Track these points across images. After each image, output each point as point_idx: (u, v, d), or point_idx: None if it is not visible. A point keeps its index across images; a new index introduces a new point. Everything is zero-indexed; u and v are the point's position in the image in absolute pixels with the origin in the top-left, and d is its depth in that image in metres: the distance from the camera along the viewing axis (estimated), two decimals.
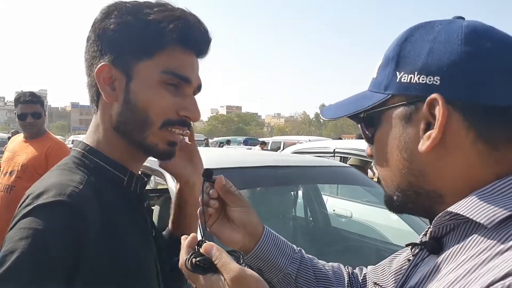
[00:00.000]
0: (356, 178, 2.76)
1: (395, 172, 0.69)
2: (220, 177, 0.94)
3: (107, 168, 0.86)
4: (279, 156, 3.09)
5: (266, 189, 2.69)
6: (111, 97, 0.84)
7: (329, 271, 1.02)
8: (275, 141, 18.62)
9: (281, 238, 1.01)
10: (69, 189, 0.74)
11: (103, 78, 0.84)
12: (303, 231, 2.95)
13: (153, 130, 0.85)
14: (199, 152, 1.12)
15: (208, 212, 0.93)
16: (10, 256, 0.66)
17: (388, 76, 0.68)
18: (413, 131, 0.65)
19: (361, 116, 0.73)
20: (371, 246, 2.71)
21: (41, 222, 0.69)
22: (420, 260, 0.72)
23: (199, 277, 0.71)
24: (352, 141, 5.40)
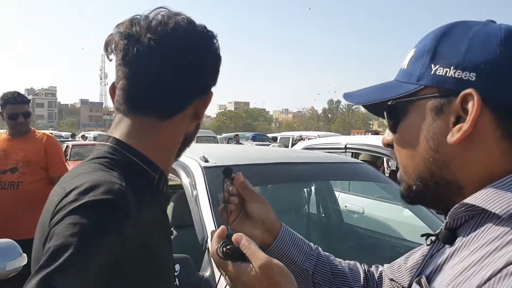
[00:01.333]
0: (369, 174, 2.75)
1: (419, 161, 0.71)
2: (238, 174, 1.00)
3: (139, 164, 0.85)
4: (291, 153, 3.09)
5: (278, 186, 2.70)
6: (201, 119, 0.95)
7: (345, 268, 1.04)
8: (283, 136, 18.60)
9: (298, 236, 1.05)
10: (116, 186, 0.73)
11: (209, 100, 0.93)
12: (316, 228, 2.95)
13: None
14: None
15: (229, 208, 1.00)
16: (63, 252, 0.64)
17: (422, 68, 0.70)
18: (443, 123, 0.67)
19: (389, 104, 0.74)
20: (385, 242, 2.70)
21: (91, 219, 0.68)
22: (435, 251, 0.75)
23: (228, 264, 0.77)
24: (364, 137, 5.38)
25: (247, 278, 0.75)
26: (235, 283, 0.77)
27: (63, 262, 0.63)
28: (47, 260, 0.64)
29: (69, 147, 12.91)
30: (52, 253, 0.64)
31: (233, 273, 0.76)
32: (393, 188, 2.81)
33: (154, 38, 0.82)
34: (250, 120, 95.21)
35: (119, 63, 0.86)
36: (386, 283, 1.03)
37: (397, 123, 0.75)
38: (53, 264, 0.63)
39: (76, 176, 0.78)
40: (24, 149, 3.24)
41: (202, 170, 2.05)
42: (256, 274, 0.74)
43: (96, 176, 0.76)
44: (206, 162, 2.11)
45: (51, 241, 0.66)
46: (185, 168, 2.14)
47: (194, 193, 1.97)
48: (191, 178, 2.05)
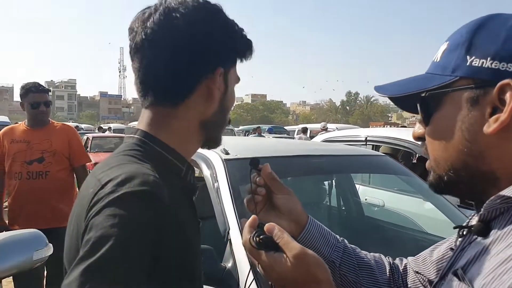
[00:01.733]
0: (390, 166, 2.73)
1: (452, 152, 0.71)
2: (266, 165, 1.00)
3: (168, 157, 0.86)
4: (311, 145, 3.08)
5: (299, 179, 2.69)
6: (216, 98, 0.88)
7: (371, 260, 1.05)
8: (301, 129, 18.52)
9: (325, 228, 1.06)
10: (151, 178, 0.74)
11: (219, 80, 0.88)
12: (337, 221, 2.95)
13: (225, 126, 0.96)
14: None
15: (256, 200, 1.00)
16: (104, 243, 0.64)
17: (457, 60, 0.70)
18: (479, 114, 0.67)
19: (422, 96, 0.74)
20: (406, 236, 2.68)
21: (130, 210, 0.68)
22: (467, 244, 0.74)
23: (261, 254, 0.77)
24: (384, 129, 5.33)
25: (281, 268, 0.74)
26: (269, 273, 0.77)
27: (104, 253, 0.63)
28: (88, 251, 0.64)
29: (90, 139, 13.07)
30: (92, 244, 0.64)
31: (266, 262, 0.76)
32: (414, 181, 2.78)
33: (149, 29, 0.83)
34: (267, 113, 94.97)
35: (130, 58, 0.89)
36: (411, 276, 1.03)
37: (430, 115, 0.74)
38: (95, 255, 0.63)
39: (110, 168, 0.78)
40: (49, 139, 3.31)
41: (223, 162, 2.05)
42: (290, 264, 0.74)
43: (131, 168, 0.76)
44: (227, 154, 2.12)
45: (90, 233, 0.67)
46: (206, 160, 2.15)
47: (215, 185, 1.98)
48: (212, 170, 2.06)
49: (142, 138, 0.86)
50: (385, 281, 1.02)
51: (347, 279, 1.02)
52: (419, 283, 1.01)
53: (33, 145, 3.26)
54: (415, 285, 1.01)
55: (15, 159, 3.22)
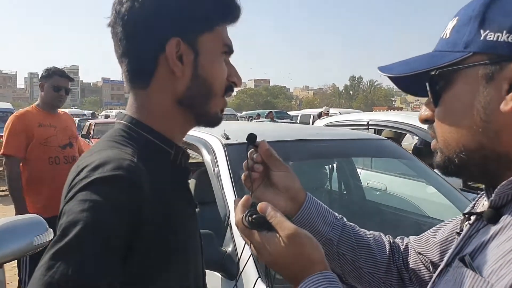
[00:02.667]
0: (392, 150, 2.71)
1: (466, 133, 0.67)
2: (263, 141, 0.97)
3: (155, 142, 0.86)
4: (313, 130, 3.07)
5: (300, 163, 2.68)
6: (180, 72, 0.84)
7: (370, 239, 1.02)
8: (304, 114, 18.48)
9: (323, 205, 1.03)
10: (126, 162, 0.74)
11: (175, 52, 0.83)
12: (338, 205, 2.94)
13: (216, 100, 0.87)
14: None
15: (253, 176, 0.97)
16: (73, 228, 0.65)
17: (470, 34, 0.66)
18: (495, 91, 0.63)
19: (432, 74, 0.70)
20: (409, 220, 2.67)
21: (102, 195, 0.68)
22: (474, 231, 0.71)
23: (254, 233, 0.76)
24: (386, 113, 5.30)
25: (274, 248, 0.73)
26: (261, 253, 0.76)
27: (73, 237, 0.64)
28: (58, 236, 0.65)
29: (92, 125, 13.09)
30: (63, 230, 0.65)
31: (259, 242, 0.75)
32: (416, 164, 2.77)
33: (111, 16, 0.85)
34: (270, 98, 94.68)
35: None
36: (413, 256, 1.01)
37: (440, 95, 0.70)
38: (64, 240, 0.64)
39: (90, 155, 0.79)
40: (68, 125, 3.35)
41: (224, 147, 2.05)
42: (283, 244, 0.72)
43: (108, 153, 0.76)
44: (227, 139, 2.11)
45: (62, 218, 0.68)
46: (206, 145, 2.14)
47: (215, 170, 1.98)
48: (213, 155, 2.05)
49: (128, 123, 0.86)
50: (384, 260, 1.00)
51: (345, 258, 1.00)
52: (421, 264, 0.99)
53: (60, 129, 3.24)
54: (417, 266, 0.99)
55: (48, 143, 3.14)
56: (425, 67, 0.70)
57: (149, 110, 0.87)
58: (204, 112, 0.88)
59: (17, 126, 3.09)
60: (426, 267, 0.98)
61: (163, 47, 0.81)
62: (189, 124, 0.90)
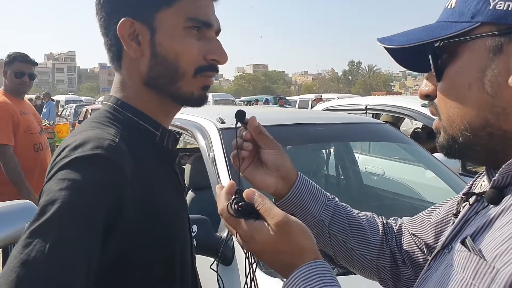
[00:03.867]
0: (390, 134, 2.70)
1: (471, 109, 0.63)
2: (253, 117, 0.92)
3: (139, 123, 0.85)
4: (310, 114, 3.04)
5: (297, 147, 2.66)
6: (138, 52, 0.82)
7: (363, 219, 0.99)
8: (302, 99, 18.44)
9: (315, 185, 0.99)
10: (106, 142, 0.73)
11: (127, 34, 0.81)
12: (335, 190, 2.93)
13: (186, 80, 0.84)
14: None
15: (242, 155, 0.92)
16: (51, 207, 0.64)
17: (478, 3, 0.62)
18: (503, 64, 0.60)
19: (436, 46, 0.66)
20: (406, 204, 2.66)
21: (80, 174, 0.68)
22: (473, 213, 0.68)
23: (240, 222, 0.71)
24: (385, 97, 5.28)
25: (262, 237, 0.69)
26: (248, 243, 0.72)
27: (50, 215, 0.64)
28: (37, 215, 0.65)
29: (89, 111, 13.10)
30: (41, 209, 0.65)
31: (246, 232, 0.70)
32: (414, 149, 2.75)
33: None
34: (269, 83, 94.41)
35: None
36: (406, 237, 0.98)
37: (444, 68, 0.66)
38: (41, 218, 0.64)
39: (73, 135, 0.79)
40: (35, 111, 3.35)
41: (219, 131, 2.04)
42: (272, 233, 0.68)
43: (89, 133, 0.76)
44: (222, 123, 2.09)
45: (42, 197, 0.68)
46: (201, 129, 2.12)
47: (210, 154, 1.96)
48: (208, 140, 2.03)
49: (113, 104, 0.86)
50: (377, 242, 0.97)
51: (337, 239, 0.96)
52: (415, 245, 0.96)
53: (32, 116, 3.23)
54: (410, 248, 0.96)
55: (31, 130, 3.13)
56: (429, 38, 0.66)
57: (126, 92, 0.87)
58: (173, 93, 0.85)
59: (4, 114, 2.99)
60: (420, 249, 0.95)
61: (115, 28, 0.82)
62: (167, 104, 0.88)
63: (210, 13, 0.85)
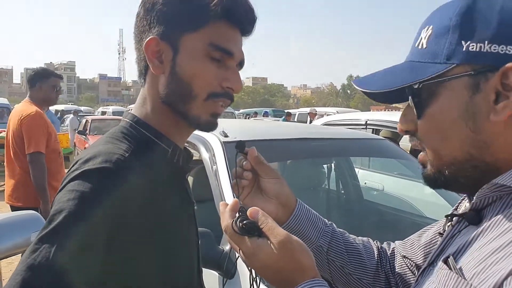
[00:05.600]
0: (390, 150, 2.71)
1: (455, 144, 0.67)
2: (252, 148, 0.96)
3: (152, 139, 0.88)
4: (311, 128, 3.06)
5: (298, 162, 2.68)
6: (159, 70, 0.86)
7: (359, 245, 1.03)
8: (301, 113, 18.46)
9: (313, 212, 1.03)
10: (115, 156, 0.77)
11: (151, 51, 0.85)
12: (336, 204, 2.94)
13: (197, 102, 0.86)
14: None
15: (242, 184, 0.96)
16: (58, 216, 0.69)
17: (451, 46, 0.65)
18: (482, 101, 0.63)
19: (415, 88, 0.69)
20: (406, 220, 2.68)
21: (88, 185, 0.72)
22: (457, 232, 0.72)
23: (244, 239, 0.73)
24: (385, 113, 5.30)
25: (265, 255, 0.71)
26: (251, 260, 0.74)
27: (57, 224, 0.69)
28: (46, 223, 0.70)
29: (89, 122, 13.05)
30: (50, 217, 0.70)
31: (249, 249, 0.73)
32: (414, 165, 2.77)
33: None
34: (268, 96, 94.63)
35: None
36: (398, 260, 1.02)
37: (424, 107, 0.69)
38: (49, 226, 0.69)
39: (88, 149, 0.83)
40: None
41: (222, 145, 2.04)
42: (275, 250, 0.71)
43: (102, 147, 0.81)
44: (225, 137, 2.10)
45: (53, 206, 0.73)
46: (205, 143, 2.14)
47: (213, 168, 1.97)
48: (211, 153, 2.05)
49: (130, 121, 0.90)
50: (373, 266, 1.01)
51: (335, 265, 0.99)
52: (406, 267, 0.99)
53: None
54: (402, 270, 1.00)
55: (57, 139, 3.45)
56: (409, 81, 0.69)
57: (146, 108, 0.90)
58: (184, 113, 0.87)
59: (42, 124, 3.24)
60: (411, 271, 0.98)
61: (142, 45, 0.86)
62: (180, 124, 0.89)
63: (233, 43, 0.87)
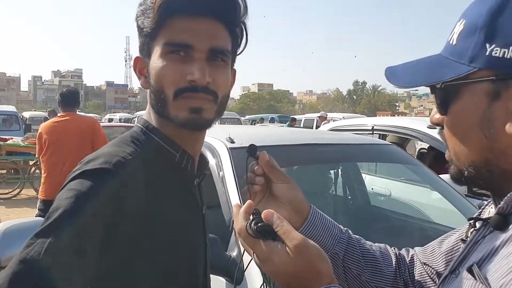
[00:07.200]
0: (397, 156, 2.70)
1: (473, 148, 0.65)
2: (263, 153, 0.93)
3: (160, 144, 0.89)
4: (318, 134, 3.06)
5: (305, 167, 2.67)
6: (146, 84, 0.90)
7: (376, 252, 0.99)
8: (307, 118, 18.45)
9: (328, 218, 0.99)
10: (116, 158, 0.79)
11: (138, 69, 0.92)
12: (343, 210, 2.93)
13: (169, 103, 0.86)
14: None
15: (254, 190, 0.93)
16: (55, 213, 0.71)
17: (475, 47, 0.63)
18: (500, 110, 0.61)
19: (438, 87, 0.68)
20: (413, 225, 2.65)
21: (85, 185, 0.74)
22: (480, 238, 0.69)
23: (259, 243, 0.71)
24: (391, 118, 5.29)
25: (280, 259, 0.69)
26: (266, 264, 0.71)
27: (53, 221, 0.71)
28: (44, 220, 0.73)
29: None
30: (48, 214, 0.73)
31: (264, 252, 0.70)
32: (421, 170, 2.76)
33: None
34: (273, 102, 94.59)
35: None
36: (418, 267, 0.98)
37: (447, 106, 0.68)
38: (46, 222, 0.71)
39: (95, 152, 0.85)
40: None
41: (228, 151, 2.05)
42: (291, 255, 0.68)
43: (105, 150, 0.83)
44: (232, 143, 2.11)
45: (53, 203, 0.75)
46: (211, 149, 2.14)
47: (220, 174, 1.97)
48: (217, 159, 2.05)
49: (141, 126, 0.92)
50: (391, 273, 0.97)
51: (351, 272, 0.96)
52: (426, 275, 0.96)
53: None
54: (422, 277, 0.96)
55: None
56: (431, 81, 0.68)
57: (152, 117, 0.93)
58: (167, 117, 0.87)
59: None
60: (432, 279, 0.95)
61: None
62: (177, 129, 0.89)
63: (190, 35, 0.84)
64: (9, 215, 6.10)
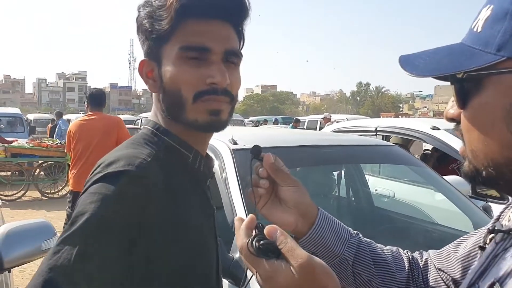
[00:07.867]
0: (401, 157, 2.70)
1: (494, 146, 0.59)
2: (268, 154, 0.89)
3: (173, 145, 0.89)
4: (321, 135, 3.06)
5: (308, 169, 2.67)
6: (154, 88, 0.89)
7: (388, 256, 0.93)
8: (311, 120, 18.43)
9: (337, 221, 0.94)
10: (138, 160, 0.79)
11: (144, 73, 0.90)
12: (346, 211, 2.92)
13: (188, 107, 0.85)
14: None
15: (258, 193, 0.89)
16: (81, 218, 0.71)
17: (505, 34, 0.56)
18: None
19: (458, 77, 0.61)
20: (417, 227, 2.65)
21: (110, 189, 0.74)
22: (501, 250, 0.63)
23: (261, 262, 0.65)
24: (395, 119, 5.27)
25: (284, 279, 0.63)
26: (268, 283, 0.65)
27: (79, 226, 0.70)
28: (69, 225, 0.72)
29: None
30: (73, 219, 0.72)
31: (267, 272, 0.64)
32: (425, 171, 2.75)
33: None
34: (277, 104, 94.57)
35: None
36: (433, 273, 0.92)
37: (467, 98, 0.62)
38: (71, 228, 0.71)
39: (110, 154, 0.84)
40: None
41: (231, 152, 2.05)
42: (296, 275, 0.63)
43: (123, 152, 0.82)
44: (235, 144, 2.11)
45: (76, 208, 0.74)
46: (214, 150, 2.14)
47: (223, 175, 1.97)
48: (221, 160, 2.05)
49: (151, 127, 0.91)
50: (403, 279, 0.91)
51: (361, 278, 0.91)
52: (441, 281, 0.90)
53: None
54: (437, 284, 0.90)
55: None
56: (453, 70, 0.61)
57: (160, 119, 0.92)
58: (184, 121, 0.86)
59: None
60: (447, 285, 0.89)
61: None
62: (190, 132, 0.89)
63: (207, 37, 0.84)
64: (14, 216, 6.12)
